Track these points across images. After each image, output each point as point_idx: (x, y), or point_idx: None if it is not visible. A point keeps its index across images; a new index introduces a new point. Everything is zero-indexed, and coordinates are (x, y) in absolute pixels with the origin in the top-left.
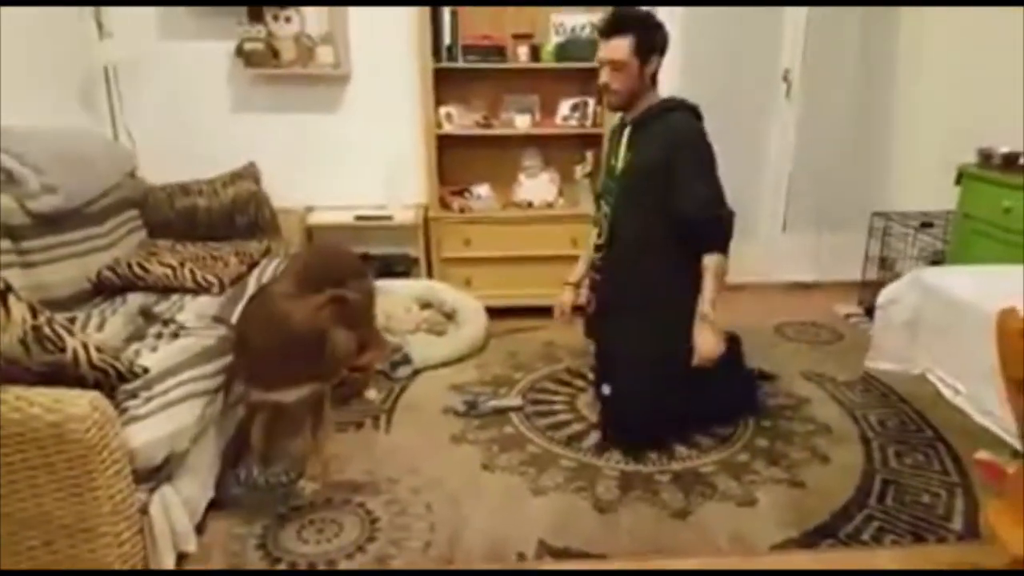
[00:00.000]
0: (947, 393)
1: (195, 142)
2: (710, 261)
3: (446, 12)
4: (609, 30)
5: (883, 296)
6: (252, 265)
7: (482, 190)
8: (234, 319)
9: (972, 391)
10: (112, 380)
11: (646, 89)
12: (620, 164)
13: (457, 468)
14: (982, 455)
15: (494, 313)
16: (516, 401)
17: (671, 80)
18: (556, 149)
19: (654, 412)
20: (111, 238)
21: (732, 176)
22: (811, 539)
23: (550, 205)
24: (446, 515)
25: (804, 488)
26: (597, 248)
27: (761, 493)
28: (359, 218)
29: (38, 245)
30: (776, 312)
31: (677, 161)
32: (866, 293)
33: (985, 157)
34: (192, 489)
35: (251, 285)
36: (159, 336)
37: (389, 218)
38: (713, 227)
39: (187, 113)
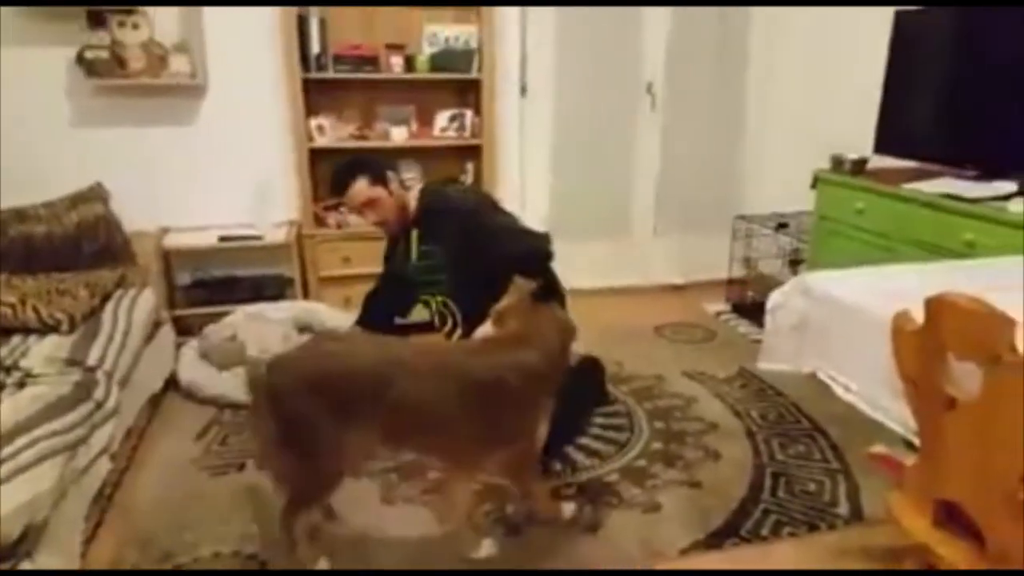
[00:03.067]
0: (838, 391)
1: (30, 161)
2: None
3: (313, 20)
4: (341, 185)
5: (770, 302)
6: (105, 297)
7: None
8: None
9: (863, 388)
10: None
11: (405, 197)
12: (415, 259)
13: (355, 505)
14: (878, 449)
15: None
16: None
17: (547, 95)
18: (435, 161)
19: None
20: None
21: (605, 184)
22: (716, 539)
23: None
24: (350, 557)
25: (702, 488)
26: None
27: (663, 497)
28: (223, 239)
29: None
30: (654, 314)
31: (476, 233)
32: (732, 292)
33: (837, 163)
34: (54, 560)
35: (106, 320)
36: (1, 387)
37: (258, 238)
38: (531, 263)
39: (19, 129)
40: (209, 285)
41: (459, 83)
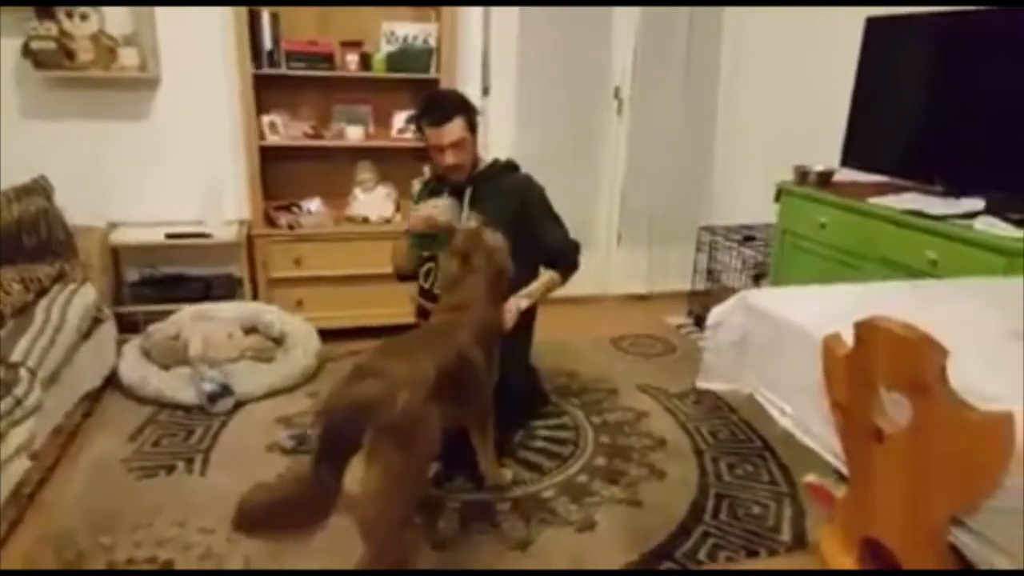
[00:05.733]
0: (774, 413)
1: None
2: (548, 272)
3: (265, 14)
4: (442, 117)
5: (711, 318)
6: (41, 292)
7: (313, 205)
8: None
9: (797, 412)
10: None
11: (478, 154)
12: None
13: None
14: (811, 479)
15: (329, 336)
16: None
17: (510, 98)
18: (392, 162)
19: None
20: None
21: (569, 191)
22: (651, 561)
23: (387, 221)
24: (267, 567)
25: (642, 507)
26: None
27: (600, 515)
28: (171, 236)
29: None
30: (612, 325)
31: (531, 214)
32: (695, 304)
33: (801, 175)
34: None
35: (38, 316)
36: None
37: (207, 236)
38: (568, 258)
39: None
40: (158, 283)
41: (418, 82)
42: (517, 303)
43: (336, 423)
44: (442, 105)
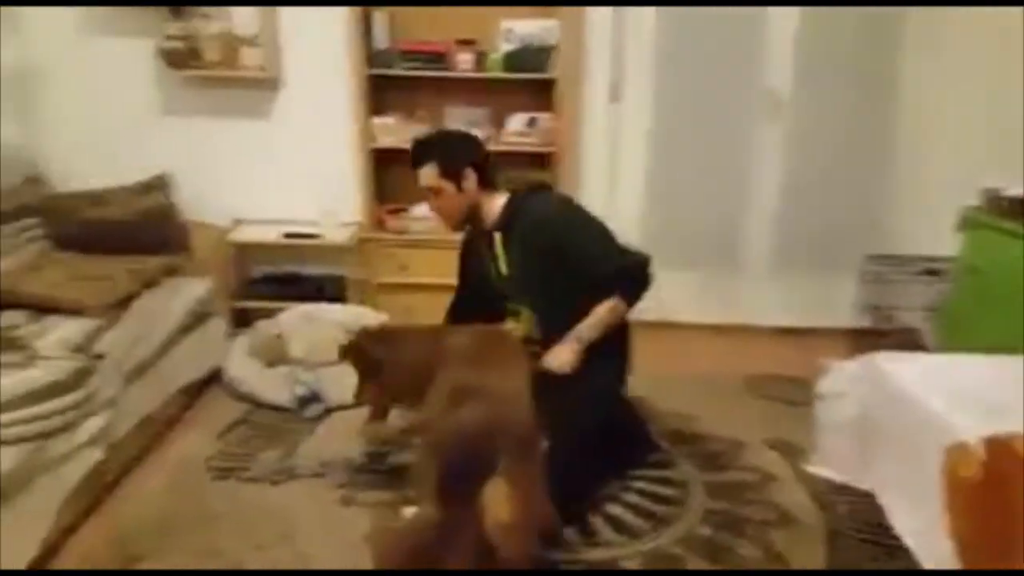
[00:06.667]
0: (897, 527)
1: (113, 146)
2: (605, 303)
3: (378, 14)
4: (413, 162)
5: (824, 384)
6: (149, 284)
7: (423, 210)
8: None
9: (929, 532)
10: None
11: (480, 198)
12: (506, 269)
13: (335, 538)
14: None
15: None
16: None
17: (644, 101)
18: (507, 167)
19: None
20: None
21: (714, 206)
22: None
23: None
24: None
25: None
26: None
27: None
28: (288, 235)
29: None
30: (751, 361)
31: (563, 242)
32: (860, 344)
33: (992, 199)
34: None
35: (138, 308)
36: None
37: (317, 236)
38: (622, 279)
39: (105, 115)
40: (276, 281)
41: (534, 83)
42: (571, 346)
43: (471, 451)
44: (417, 149)
